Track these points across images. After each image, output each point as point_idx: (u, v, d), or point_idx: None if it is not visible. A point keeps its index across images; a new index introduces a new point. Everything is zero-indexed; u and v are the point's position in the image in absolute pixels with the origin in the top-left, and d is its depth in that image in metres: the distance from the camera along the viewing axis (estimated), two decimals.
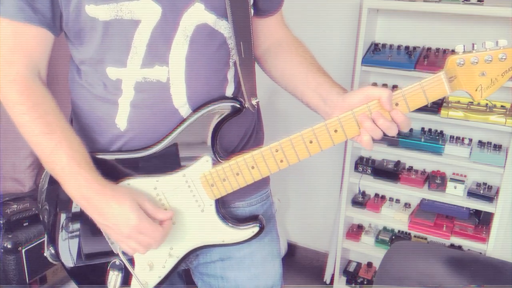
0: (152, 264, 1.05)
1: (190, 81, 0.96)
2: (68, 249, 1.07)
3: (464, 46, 0.87)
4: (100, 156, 0.99)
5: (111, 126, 0.98)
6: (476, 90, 0.88)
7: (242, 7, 0.96)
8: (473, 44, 0.87)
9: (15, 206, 1.97)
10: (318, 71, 1.04)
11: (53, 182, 1.00)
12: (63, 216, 1.06)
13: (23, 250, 1.91)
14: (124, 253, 1.02)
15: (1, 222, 1.89)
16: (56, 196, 1.05)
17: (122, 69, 0.93)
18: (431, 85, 0.88)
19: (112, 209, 0.90)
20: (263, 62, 1.13)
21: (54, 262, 1.11)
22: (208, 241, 1.05)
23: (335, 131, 0.92)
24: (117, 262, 1.05)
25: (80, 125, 1.04)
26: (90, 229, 1.03)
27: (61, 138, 0.91)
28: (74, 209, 1.04)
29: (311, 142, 0.93)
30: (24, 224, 1.96)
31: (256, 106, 1.02)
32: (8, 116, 0.94)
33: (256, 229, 1.04)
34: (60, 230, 1.06)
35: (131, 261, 1.05)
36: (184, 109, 0.97)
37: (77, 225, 1.05)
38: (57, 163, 0.91)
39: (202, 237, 1.04)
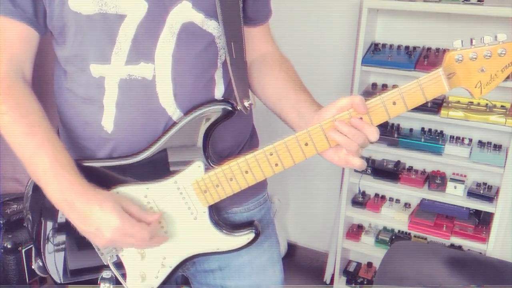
0: (144, 275, 1.01)
1: (177, 79, 0.93)
2: (55, 263, 1.04)
3: (462, 41, 0.85)
4: (88, 163, 0.96)
5: (98, 129, 0.96)
6: (476, 86, 0.85)
7: (232, 8, 0.94)
8: (471, 40, 0.84)
9: (15, 206, 1.97)
10: (300, 88, 1.03)
11: (37, 190, 0.97)
12: (48, 229, 1.02)
13: (23, 250, 1.91)
14: (115, 265, 1.00)
15: (1, 222, 1.89)
16: (41, 207, 1.01)
17: (106, 66, 0.91)
18: (429, 83, 0.85)
19: (94, 212, 0.85)
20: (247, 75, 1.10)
21: (43, 275, 1.07)
22: (202, 249, 1.01)
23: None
24: (108, 274, 1.02)
25: (67, 131, 1.01)
26: (79, 240, 0.98)
27: (43, 139, 0.88)
28: (60, 220, 1.01)
29: (306, 144, 0.90)
30: (24, 224, 1.96)
31: (249, 108, 1.00)
32: None
33: (251, 236, 1.00)
34: (47, 243, 1.03)
35: (123, 271, 1.02)
36: (171, 108, 0.95)
37: (64, 238, 1.02)
38: (39, 165, 0.87)
39: (196, 245, 1.01)
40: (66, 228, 1.00)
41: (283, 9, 2.40)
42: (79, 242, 1.00)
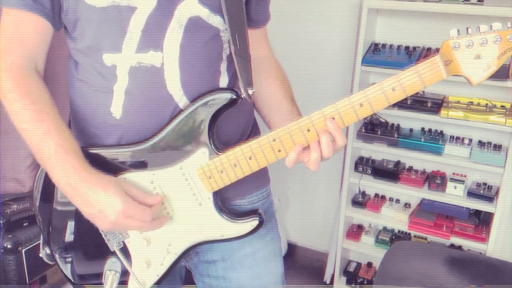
0: (149, 262, 1.03)
1: (184, 67, 0.97)
2: (64, 249, 1.06)
3: (458, 30, 0.88)
4: (96, 151, 0.99)
5: (106, 116, 0.99)
6: (473, 74, 0.88)
7: (236, 4, 0.99)
8: (467, 29, 0.88)
9: (15, 206, 1.97)
10: (292, 100, 1.11)
11: (47, 183, 1.00)
12: (58, 216, 1.05)
13: (23, 250, 1.91)
14: (121, 251, 1.01)
15: (1, 222, 1.89)
16: (51, 197, 1.04)
17: (118, 55, 0.95)
18: (426, 69, 0.89)
19: (97, 195, 0.89)
20: None
21: (50, 263, 1.09)
22: (207, 236, 1.03)
23: (333, 118, 0.93)
24: (114, 261, 1.04)
25: (77, 122, 1.05)
26: (86, 227, 1.01)
27: (51, 126, 0.91)
28: (69, 208, 1.03)
29: (308, 130, 0.94)
30: (24, 224, 1.96)
31: (252, 96, 1.03)
32: (8, 117, 0.94)
33: (255, 223, 1.02)
34: (56, 230, 1.05)
35: (129, 258, 1.03)
36: (178, 95, 0.98)
37: (73, 225, 1.04)
38: (45, 151, 0.91)
39: (201, 232, 1.03)
40: (76, 216, 1.03)
41: (283, 9, 2.40)
42: (88, 227, 1.02)
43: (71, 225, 1.05)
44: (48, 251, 1.08)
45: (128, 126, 0.99)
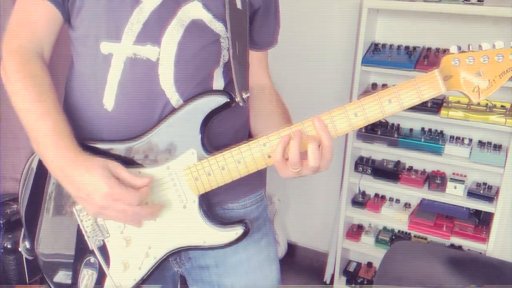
0: (127, 264, 1.00)
1: (179, 64, 0.97)
2: (44, 244, 1.05)
3: (458, 47, 0.86)
4: (84, 144, 0.97)
5: (99, 108, 0.99)
6: (473, 91, 0.87)
7: (240, 13, 0.99)
8: (468, 45, 0.86)
9: (15, 206, 1.96)
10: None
11: (38, 174, 1.01)
12: (41, 210, 1.03)
13: None
14: (100, 250, 0.99)
15: (1, 222, 1.89)
16: (36, 189, 1.03)
17: (116, 44, 0.96)
18: (424, 82, 0.87)
19: (83, 178, 0.88)
20: None
21: (28, 257, 1.08)
22: (189, 241, 1.00)
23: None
24: (92, 260, 1.01)
25: (69, 116, 1.02)
26: (67, 223, 1.01)
27: (50, 107, 0.93)
28: (53, 202, 1.03)
29: None
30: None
31: (246, 100, 1.02)
32: (8, 116, 0.94)
33: (240, 231, 0.98)
34: (38, 224, 1.04)
35: (107, 260, 1.00)
36: (170, 91, 0.98)
37: (55, 219, 1.03)
38: (41, 130, 0.91)
39: (183, 236, 1.00)
40: (58, 209, 1.02)
41: (282, 9, 2.40)
42: (69, 223, 1.02)
43: (53, 220, 1.03)
44: (28, 245, 1.06)
45: (119, 120, 0.99)
